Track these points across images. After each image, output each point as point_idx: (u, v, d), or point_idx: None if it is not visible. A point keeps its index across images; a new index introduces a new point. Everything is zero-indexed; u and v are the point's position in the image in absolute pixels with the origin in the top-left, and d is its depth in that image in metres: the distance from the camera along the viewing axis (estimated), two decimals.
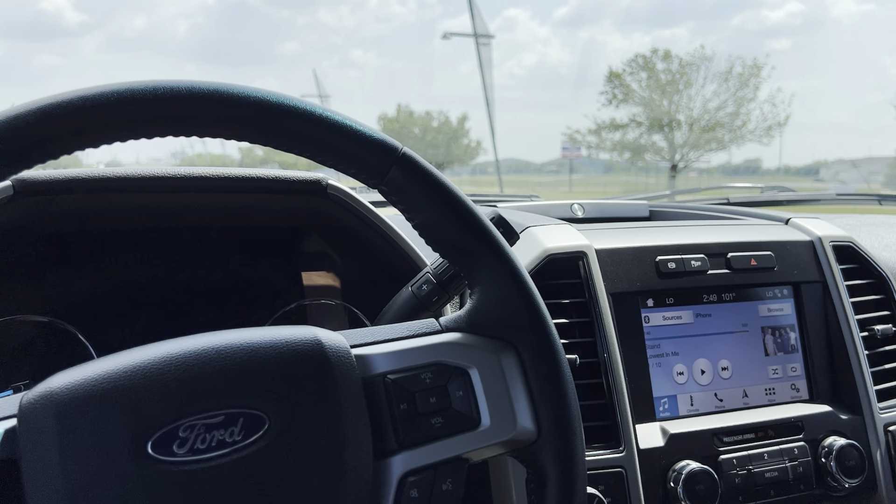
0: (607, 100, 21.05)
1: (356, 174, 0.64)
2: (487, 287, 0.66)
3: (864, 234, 1.39)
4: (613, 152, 22.49)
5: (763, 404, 1.07)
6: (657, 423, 1.00)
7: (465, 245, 0.65)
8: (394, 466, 0.59)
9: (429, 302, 0.85)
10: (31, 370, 0.92)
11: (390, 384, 0.60)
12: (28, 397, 0.51)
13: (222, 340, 0.56)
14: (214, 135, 0.59)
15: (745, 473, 0.99)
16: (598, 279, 1.00)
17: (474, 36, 17.65)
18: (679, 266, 1.05)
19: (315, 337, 0.58)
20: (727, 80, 20.00)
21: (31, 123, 0.52)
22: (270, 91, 0.59)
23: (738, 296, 1.09)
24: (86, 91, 0.54)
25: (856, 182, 17.02)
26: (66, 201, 0.88)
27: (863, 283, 1.18)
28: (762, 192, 2.24)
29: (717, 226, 1.22)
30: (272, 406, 0.55)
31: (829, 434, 1.05)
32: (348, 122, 0.62)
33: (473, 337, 0.66)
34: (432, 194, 0.64)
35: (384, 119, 29.53)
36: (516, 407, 0.64)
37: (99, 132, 0.54)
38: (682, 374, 1.04)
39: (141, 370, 0.53)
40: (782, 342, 1.10)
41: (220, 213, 1.00)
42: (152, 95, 0.55)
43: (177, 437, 0.52)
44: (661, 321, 1.04)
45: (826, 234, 1.17)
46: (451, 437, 0.62)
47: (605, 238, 1.05)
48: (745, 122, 20.14)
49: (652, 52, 20.82)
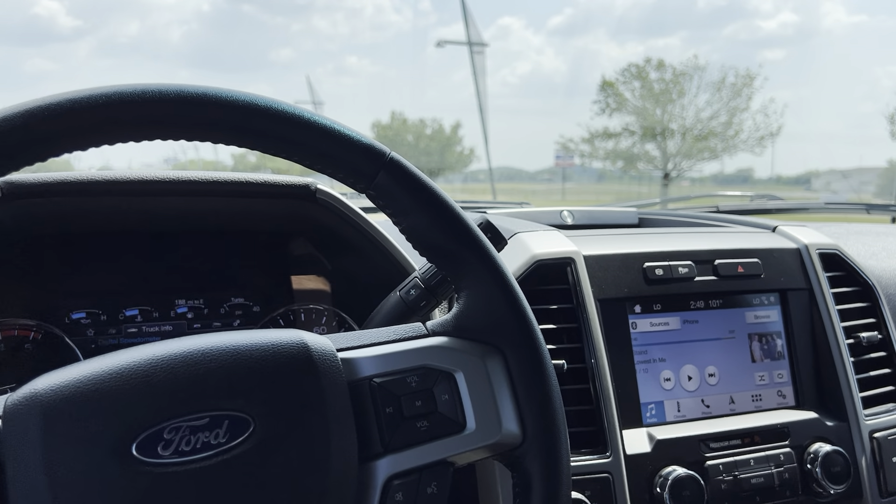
0: (600, 109, 21.10)
1: (344, 178, 0.64)
2: (474, 292, 0.66)
3: (851, 242, 1.40)
4: (606, 161, 22.54)
5: (749, 410, 1.08)
6: (644, 428, 1.01)
7: (453, 250, 0.66)
8: (379, 470, 0.59)
9: (417, 306, 0.85)
10: (17, 374, 0.91)
11: (376, 388, 0.61)
12: (12, 398, 0.51)
13: (208, 343, 0.56)
14: (203, 138, 0.59)
15: (731, 479, 0.99)
16: (586, 285, 1.01)
17: (468, 44, 17.69)
18: (666, 273, 1.06)
19: (301, 340, 0.59)
20: (720, 89, 20.09)
21: (18, 125, 0.52)
22: (259, 95, 0.60)
23: (725, 302, 1.10)
24: (73, 93, 0.54)
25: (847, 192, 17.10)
26: (54, 204, 0.88)
27: (849, 290, 1.19)
28: (751, 200, 2.26)
29: (705, 233, 1.23)
30: (257, 409, 0.55)
31: (815, 440, 1.06)
32: (336, 126, 0.62)
33: (460, 341, 0.66)
34: (420, 199, 0.64)
35: (378, 126, 29.53)
36: (501, 411, 0.64)
37: (87, 134, 0.54)
38: (670, 380, 1.05)
39: (126, 372, 0.53)
40: (769, 349, 1.11)
41: (210, 218, 1.00)
42: (141, 98, 0.55)
43: (161, 438, 0.52)
44: (648, 327, 1.05)
45: (813, 242, 1.18)
46: (436, 441, 0.62)
47: (594, 244, 1.06)
48: (737, 131, 20.22)
49: (645, 61, 20.90)
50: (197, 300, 1.03)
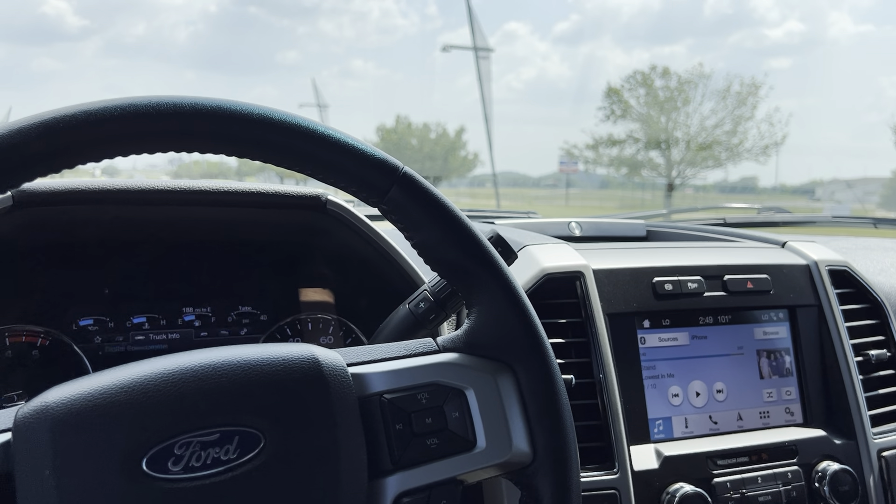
0: (605, 115, 21.14)
1: (357, 192, 0.64)
2: (485, 308, 0.66)
3: (860, 257, 1.39)
4: (610, 168, 22.56)
5: (757, 427, 1.07)
6: (652, 444, 1.00)
7: (464, 265, 0.65)
8: (388, 487, 0.59)
9: (426, 320, 0.85)
10: (25, 380, 0.91)
11: (386, 404, 0.60)
12: (23, 411, 0.51)
13: (219, 357, 0.56)
14: (216, 151, 0.59)
15: (738, 497, 0.98)
16: (595, 299, 1.00)
17: (474, 49, 17.71)
18: (676, 288, 1.05)
19: (312, 355, 0.58)
20: (725, 98, 20.11)
21: (34, 138, 0.52)
22: (273, 109, 0.60)
23: (734, 318, 1.09)
24: (88, 105, 0.54)
25: (851, 202, 17.10)
26: (64, 212, 0.88)
27: (858, 307, 1.18)
28: (759, 213, 2.25)
29: (714, 248, 1.22)
30: (268, 424, 0.55)
31: (823, 459, 1.05)
32: (350, 140, 0.62)
33: (470, 357, 0.65)
34: (432, 214, 0.64)
35: (382, 130, 29.58)
36: (512, 429, 0.64)
37: (102, 146, 0.55)
38: (678, 395, 1.04)
39: (137, 386, 0.52)
40: (777, 365, 1.10)
41: (219, 227, 1.00)
42: (155, 112, 0.55)
43: (172, 454, 0.52)
44: (657, 342, 1.04)
45: (822, 259, 1.17)
46: (446, 459, 0.61)
47: (603, 258, 1.06)
48: (742, 140, 20.23)
49: (650, 68, 20.96)
50: (204, 308, 1.03)
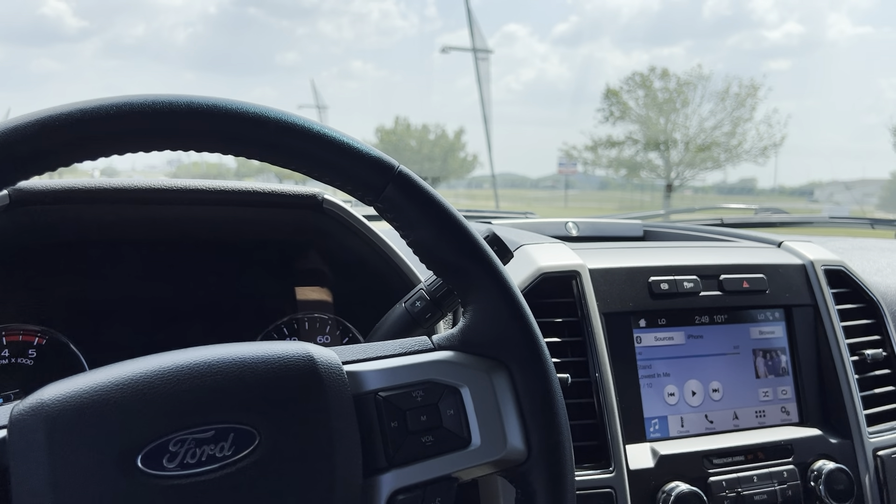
0: (604, 117, 21.14)
1: (352, 191, 0.64)
2: (481, 306, 0.66)
3: (856, 258, 1.39)
4: (609, 169, 22.57)
5: (753, 426, 1.08)
6: (647, 443, 1.00)
7: (460, 264, 0.66)
8: (383, 484, 0.59)
9: (422, 318, 0.85)
10: (22, 379, 0.91)
11: (381, 401, 0.61)
12: (19, 408, 0.51)
13: (214, 355, 0.56)
14: (211, 150, 0.59)
15: (734, 496, 0.99)
16: (591, 299, 1.01)
17: (473, 50, 17.72)
18: (672, 287, 1.06)
19: (307, 353, 0.58)
20: (724, 99, 20.12)
21: (31, 135, 0.52)
22: (267, 107, 0.60)
23: (730, 318, 1.09)
24: (84, 104, 0.54)
25: (849, 204, 17.11)
26: (61, 211, 0.88)
27: (854, 307, 1.19)
28: (756, 213, 2.25)
29: (710, 247, 1.23)
30: (263, 422, 0.55)
31: (819, 458, 1.05)
32: (345, 138, 0.62)
33: (465, 356, 0.66)
34: (427, 212, 0.64)
35: (382, 131, 29.57)
36: (507, 427, 0.64)
37: (98, 144, 0.55)
38: (674, 395, 1.04)
39: (132, 383, 0.53)
40: (773, 365, 1.11)
41: (216, 226, 1.00)
42: (151, 109, 0.55)
43: (167, 451, 0.52)
44: (653, 342, 1.04)
45: (818, 258, 1.18)
46: (441, 456, 0.62)
47: (599, 258, 1.06)
48: (740, 141, 20.23)
49: (650, 70, 20.94)
50: (201, 308, 1.03)
